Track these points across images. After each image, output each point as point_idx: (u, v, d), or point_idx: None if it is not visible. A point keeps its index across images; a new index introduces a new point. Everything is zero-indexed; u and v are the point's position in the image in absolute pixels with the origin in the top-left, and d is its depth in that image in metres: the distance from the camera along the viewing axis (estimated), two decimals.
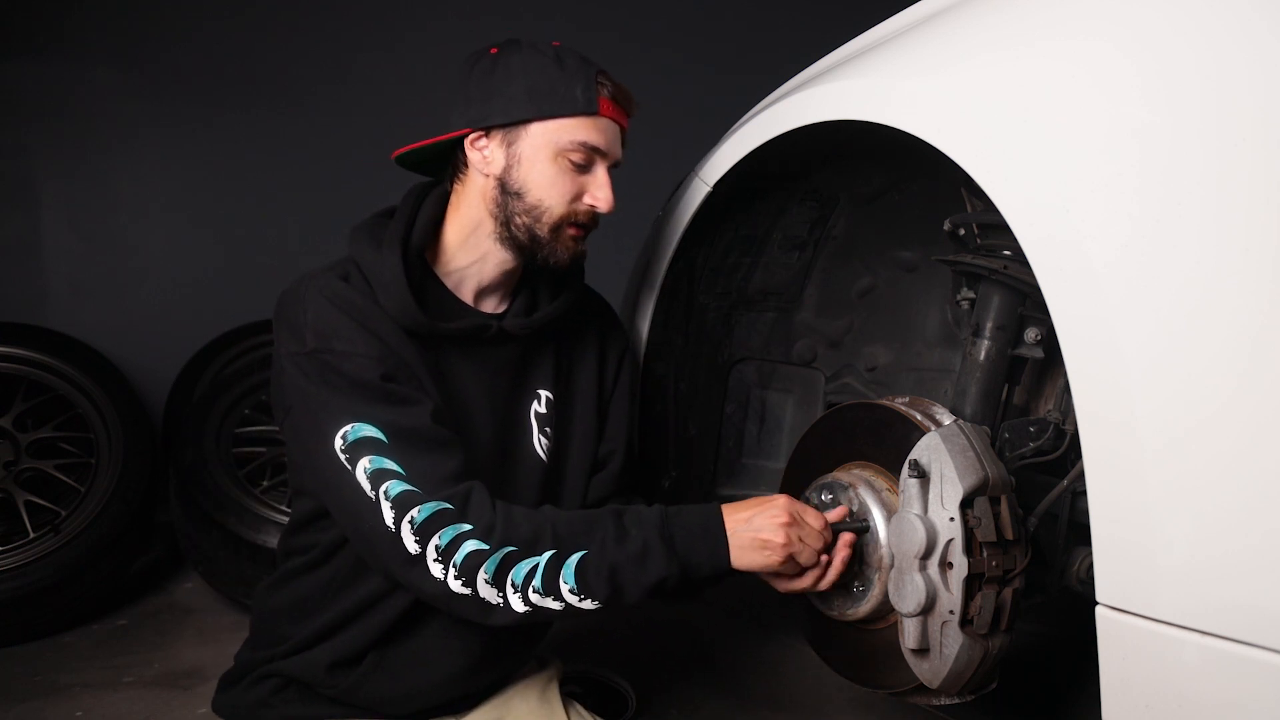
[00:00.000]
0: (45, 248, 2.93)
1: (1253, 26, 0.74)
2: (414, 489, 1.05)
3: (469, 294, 1.25)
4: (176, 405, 2.83)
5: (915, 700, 1.11)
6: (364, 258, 1.17)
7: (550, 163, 1.16)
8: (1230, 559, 0.74)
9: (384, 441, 1.06)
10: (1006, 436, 1.14)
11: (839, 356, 1.69)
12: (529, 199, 1.17)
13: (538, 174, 1.17)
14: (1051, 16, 0.91)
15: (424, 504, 1.04)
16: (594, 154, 1.18)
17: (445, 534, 1.04)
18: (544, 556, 1.05)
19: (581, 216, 1.20)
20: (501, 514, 1.07)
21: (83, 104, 2.93)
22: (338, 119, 3.24)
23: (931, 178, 1.41)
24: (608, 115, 1.18)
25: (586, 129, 1.16)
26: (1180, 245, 0.75)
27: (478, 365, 1.24)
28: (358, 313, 1.12)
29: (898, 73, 1.06)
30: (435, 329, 1.16)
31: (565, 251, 1.20)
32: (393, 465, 1.06)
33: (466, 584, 1.04)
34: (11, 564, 1.92)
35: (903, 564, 1.01)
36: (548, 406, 1.30)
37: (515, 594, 1.05)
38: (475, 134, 1.18)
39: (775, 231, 1.59)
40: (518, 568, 1.05)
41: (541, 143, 1.16)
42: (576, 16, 3.51)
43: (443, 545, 1.04)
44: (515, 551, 1.05)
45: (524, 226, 1.18)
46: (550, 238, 1.19)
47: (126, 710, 1.65)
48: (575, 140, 1.16)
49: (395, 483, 1.05)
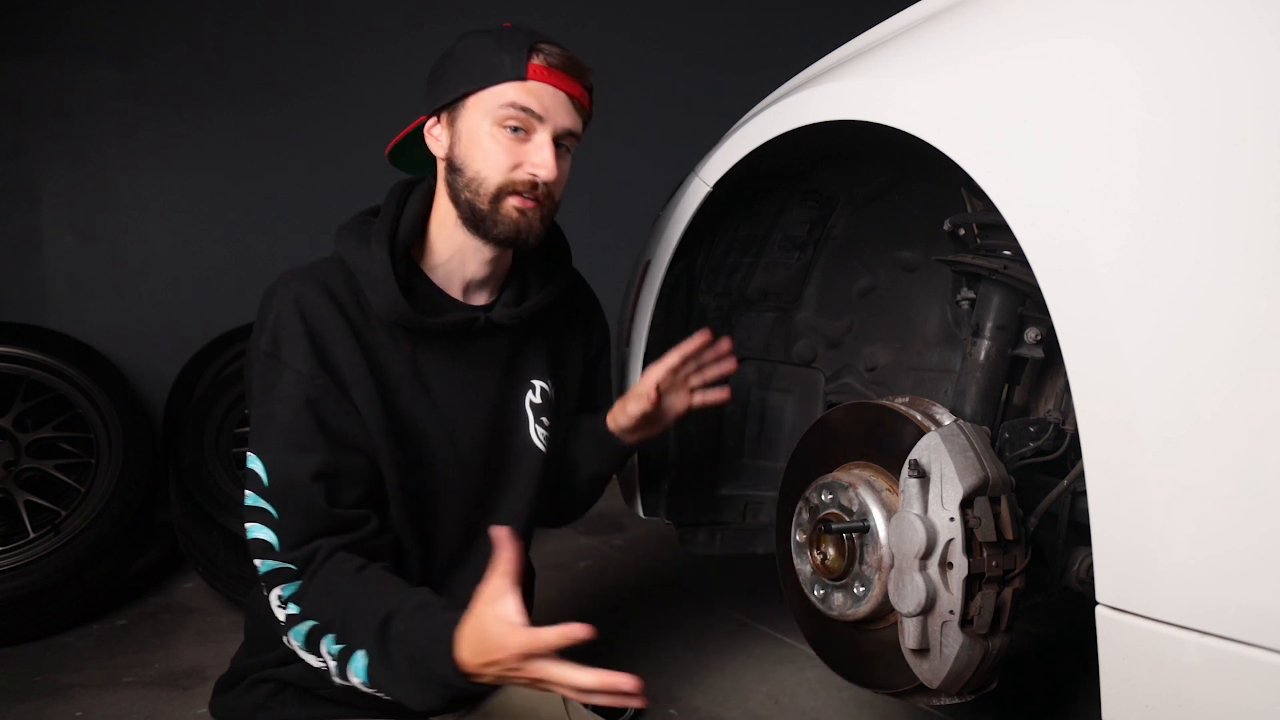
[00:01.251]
0: (45, 248, 2.93)
1: (1253, 26, 0.74)
2: (271, 539, 1.09)
3: (457, 289, 1.25)
4: (176, 405, 2.82)
5: (915, 700, 1.11)
6: (351, 255, 1.18)
7: (488, 135, 1.16)
8: (1230, 559, 0.74)
9: (264, 483, 1.10)
10: (1006, 436, 1.14)
11: (839, 356, 1.69)
12: (468, 172, 1.17)
13: (476, 147, 1.17)
14: (1051, 16, 0.91)
15: (269, 559, 1.09)
16: (528, 117, 1.15)
17: (287, 589, 1.09)
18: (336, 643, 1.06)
19: (520, 185, 1.17)
20: (318, 582, 1.08)
21: (83, 104, 2.93)
22: (338, 119, 3.24)
23: (931, 178, 1.41)
24: (539, 79, 1.15)
25: (515, 91, 1.15)
26: (1180, 245, 0.75)
27: (468, 358, 1.25)
28: (315, 321, 1.13)
29: (898, 73, 1.06)
30: (424, 324, 1.17)
31: (508, 223, 1.17)
32: (266, 506, 1.10)
33: (287, 641, 1.10)
34: (11, 564, 1.92)
35: (903, 564, 1.01)
36: (543, 396, 1.32)
37: (333, 661, 1.07)
38: (430, 121, 1.21)
39: (775, 231, 1.59)
40: (326, 639, 1.07)
41: (477, 115, 1.16)
42: (577, 17, 3.51)
43: (285, 596, 1.09)
44: (318, 626, 1.08)
45: (467, 202, 1.18)
46: (490, 209, 1.17)
47: (126, 710, 1.65)
48: (504, 102, 1.14)
49: (257, 525, 1.10)
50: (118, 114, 2.97)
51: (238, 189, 3.15)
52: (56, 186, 2.93)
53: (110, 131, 2.97)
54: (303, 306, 1.13)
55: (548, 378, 1.33)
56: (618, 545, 2.67)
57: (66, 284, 2.96)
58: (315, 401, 1.11)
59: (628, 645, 1.93)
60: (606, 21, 3.62)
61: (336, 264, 1.19)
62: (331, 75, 3.22)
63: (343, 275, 1.18)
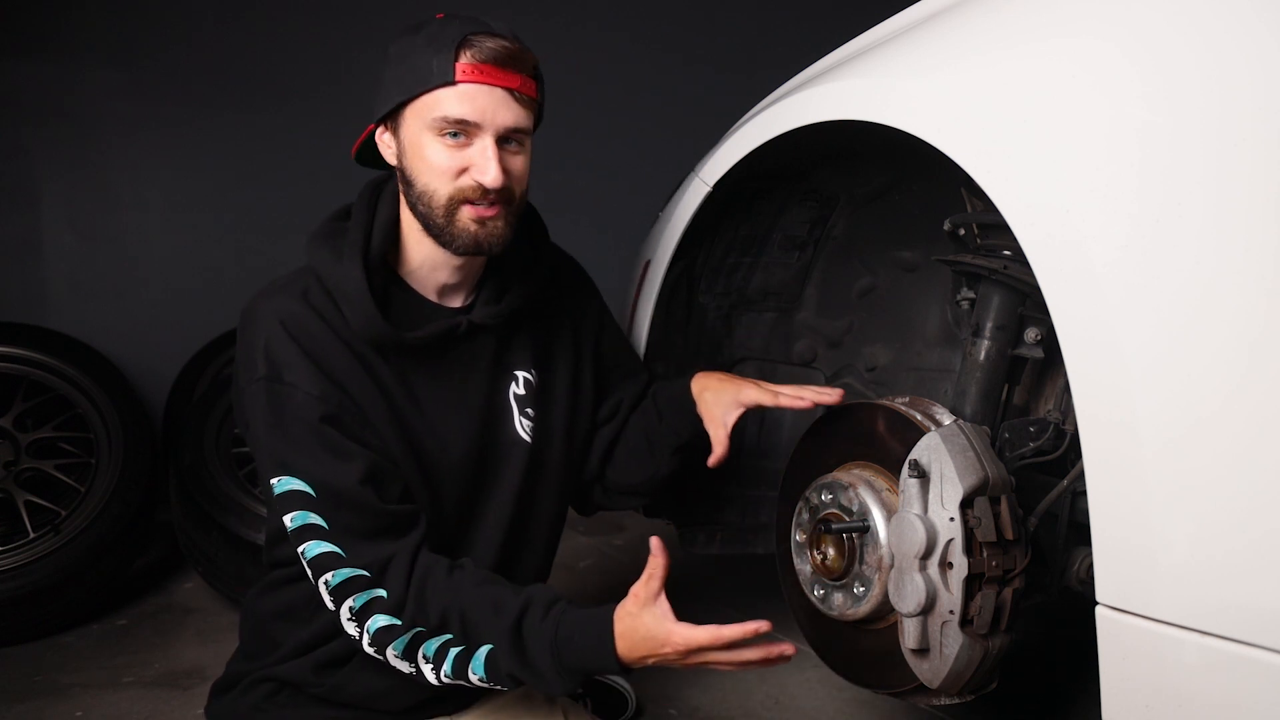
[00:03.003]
0: (45, 248, 2.93)
1: (1253, 26, 0.74)
2: (334, 549, 1.06)
3: (433, 293, 1.22)
4: (176, 405, 2.82)
5: (915, 700, 1.11)
6: (325, 271, 1.14)
7: (430, 145, 1.10)
8: (1230, 559, 0.74)
9: (312, 496, 1.07)
10: (1006, 436, 1.14)
11: (839, 356, 1.69)
12: (418, 185, 1.12)
13: (420, 158, 1.11)
14: (1051, 16, 0.91)
15: (340, 569, 1.06)
16: (464, 125, 1.08)
17: (359, 598, 1.07)
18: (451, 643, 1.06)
19: (470, 193, 1.10)
20: (415, 591, 1.07)
21: (83, 104, 2.92)
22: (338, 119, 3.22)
23: (931, 178, 1.40)
24: (470, 80, 1.07)
25: (448, 101, 1.08)
26: (1180, 245, 0.75)
27: (453, 362, 1.22)
28: (309, 340, 1.11)
29: (898, 73, 1.06)
30: (403, 341, 1.14)
31: (467, 235, 1.12)
32: (318, 520, 1.07)
33: (378, 651, 1.07)
34: (11, 564, 1.92)
35: (903, 564, 1.01)
36: (526, 387, 1.28)
37: (428, 665, 1.07)
38: (379, 129, 1.16)
39: (775, 231, 1.59)
40: (428, 644, 1.07)
41: (415, 126, 1.11)
42: (577, 17, 3.51)
43: (357, 608, 1.07)
44: (423, 631, 1.07)
45: (423, 214, 1.14)
46: (445, 221, 1.12)
47: (126, 710, 1.65)
48: (436, 116, 1.08)
49: (315, 543, 1.07)
50: (118, 114, 2.97)
51: (238, 189, 3.15)
52: (56, 186, 2.93)
53: (110, 132, 2.97)
54: (291, 328, 1.10)
55: (531, 367, 1.29)
56: (618, 545, 2.67)
57: (66, 284, 2.96)
58: (333, 418, 1.09)
59: None
60: (606, 21, 3.61)
61: (313, 277, 1.15)
62: (331, 75, 3.22)
63: (321, 289, 1.14)
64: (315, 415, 1.08)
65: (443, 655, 1.06)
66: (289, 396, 1.08)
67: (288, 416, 1.08)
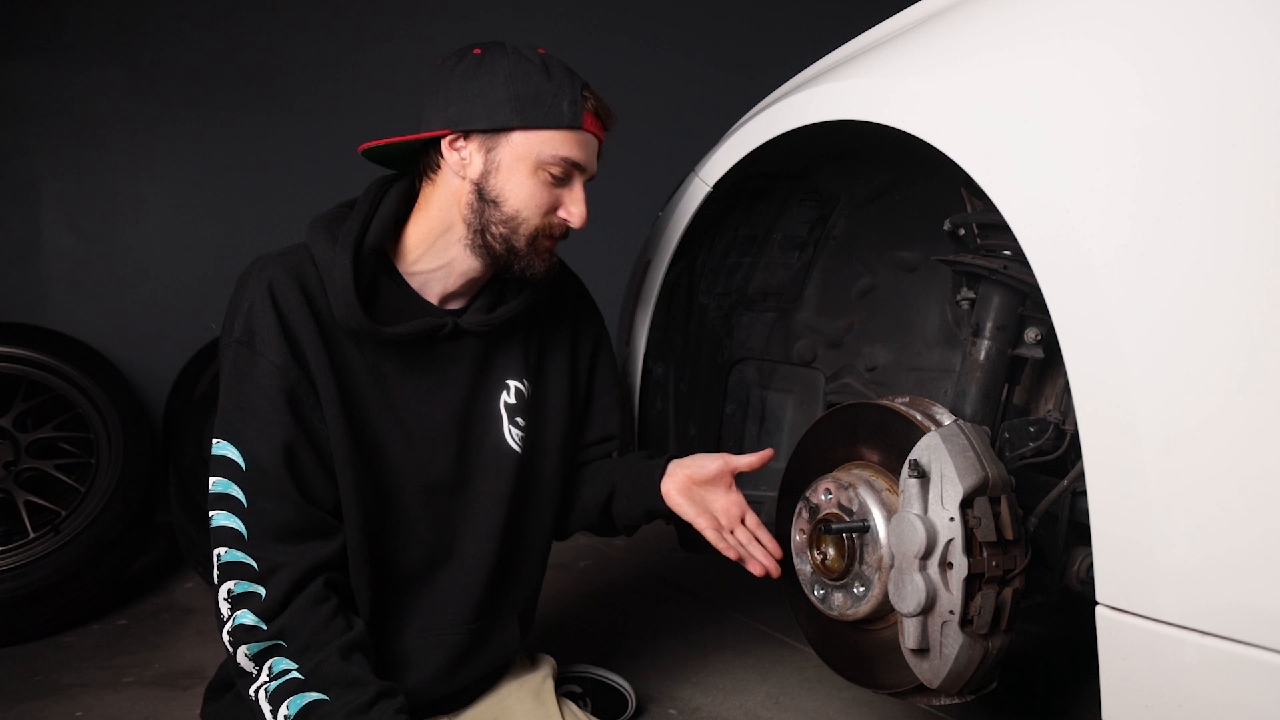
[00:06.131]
0: (45, 248, 2.93)
1: (1252, 27, 0.74)
2: (239, 529, 1.08)
3: (434, 295, 1.23)
4: (176, 405, 2.82)
5: (915, 700, 1.11)
6: (318, 252, 1.17)
7: (530, 174, 1.15)
8: (1230, 559, 0.74)
9: (241, 469, 1.09)
10: (1006, 436, 1.14)
11: (839, 356, 1.69)
12: (506, 208, 1.16)
13: (516, 184, 1.15)
14: (1051, 16, 0.91)
15: (236, 550, 1.08)
16: (574, 169, 1.17)
17: (240, 586, 1.08)
18: (293, 673, 1.06)
19: (555, 229, 1.20)
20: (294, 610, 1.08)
21: (83, 104, 2.92)
22: (337, 118, 3.24)
23: (931, 178, 1.41)
24: (590, 130, 1.17)
25: (570, 144, 1.16)
26: (1180, 245, 0.75)
27: (431, 360, 1.23)
28: (289, 312, 1.13)
29: (898, 73, 1.06)
30: (379, 334, 1.16)
31: (541, 264, 1.20)
32: (237, 494, 1.09)
33: (233, 643, 1.08)
34: (11, 564, 1.92)
35: (903, 564, 1.01)
36: (517, 397, 1.29)
37: (265, 677, 1.07)
38: (454, 135, 1.16)
39: (775, 231, 1.59)
40: (277, 660, 1.07)
41: (523, 152, 1.15)
42: (577, 17, 3.51)
43: (235, 593, 1.08)
44: (282, 647, 1.07)
45: (500, 236, 1.17)
46: (527, 249, 1.19)
47: (126, 710, 1.65)
48: (558, 155, 1.15)
49: (226, 514, 1.09)
50: (118, 114, 2.97)
51: (238, 189, 3.15)
52: (56, 186, 2.93)
53: (110, 131, 2.97)
54: (278, 295, 1.12)
55: (524, 378, 1.30)
56: (618, 545, 2.67)
57: (66, 284, 2.96)
58: (289, 392, 1.11)
59: (628, 645, 1.93)
60: (606, 21, 3.61)
61: (309, 254, 1.18)
62: (331, 75, 3.22)
63: (314, 268, 1.17)
64: (276, 386, 1.10)
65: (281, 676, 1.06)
66: (255, 362, 1.11)
67: (248, 382, 1.11)
